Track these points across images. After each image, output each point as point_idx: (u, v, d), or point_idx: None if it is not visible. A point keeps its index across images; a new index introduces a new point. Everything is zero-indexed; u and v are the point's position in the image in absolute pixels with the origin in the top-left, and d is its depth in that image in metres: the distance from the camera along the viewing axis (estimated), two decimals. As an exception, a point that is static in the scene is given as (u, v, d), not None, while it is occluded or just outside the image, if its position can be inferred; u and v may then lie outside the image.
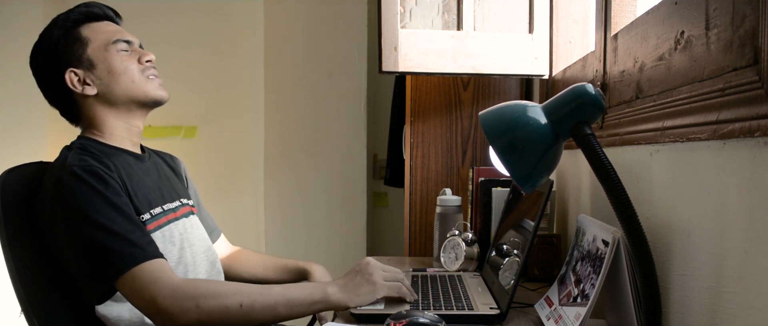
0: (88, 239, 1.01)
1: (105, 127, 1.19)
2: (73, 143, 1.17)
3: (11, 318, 2.21)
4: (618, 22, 1.11)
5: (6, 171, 1.14)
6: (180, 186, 1.32)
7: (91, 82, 1.17)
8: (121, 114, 1.20)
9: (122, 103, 1.19)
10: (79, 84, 1.17)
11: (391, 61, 1.46)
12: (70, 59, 1.17)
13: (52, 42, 1.18)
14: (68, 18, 1.19)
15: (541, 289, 1.25)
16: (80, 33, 1.19)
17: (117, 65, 1.18)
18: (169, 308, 0.98)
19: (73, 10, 1.21)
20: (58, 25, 1.19)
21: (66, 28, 1.18)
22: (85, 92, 1.17)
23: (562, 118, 0.74)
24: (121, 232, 1.01)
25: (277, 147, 2.64)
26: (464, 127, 1.80)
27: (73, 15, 1.20)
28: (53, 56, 1.17)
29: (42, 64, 1.19)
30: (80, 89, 1.17)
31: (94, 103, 1.18)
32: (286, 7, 2.60)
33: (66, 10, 1.21)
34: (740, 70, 0.65)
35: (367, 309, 1.04)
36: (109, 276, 1.00)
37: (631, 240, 0.68)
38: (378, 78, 2.82)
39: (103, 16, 1.24)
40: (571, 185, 1.38)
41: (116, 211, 1.03)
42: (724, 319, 0.68)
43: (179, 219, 1.22)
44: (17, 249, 1.10)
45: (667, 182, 0.83)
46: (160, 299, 0.98)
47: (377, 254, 1.96)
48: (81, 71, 1.17)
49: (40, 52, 1.19)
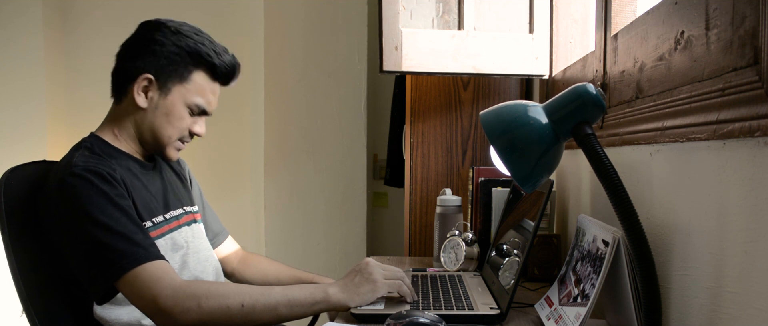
0: (90, 238, 1.01)
1: (123, 131, 1.19)
2: (83, 141, 1.17)
3: (13, 318, 2.21)
4: (618, 22, 1.11)
5: (8, 171, 1.14)
6: (184, 193, 1.32)
7: (148, 100, 1.16)
8: (142, 135, 1.19)
9: (147, 133, 1.18)
10: (141, 90, 1.15)
11: (392, 60, 1.46)
12: (159, 72, 1.15)
13: (160, 45, 1.15)
14: (197, 49, 1.15)
15: (541, 289, 1.25)
16: (191, 75, 1.16)
17: (173, 118, 1.16)
18: (171, 308, 0.98)
19: (212, 51, 1.17)
20: (180, 42, 1.15)
21: (187, 55, 1.15)
22: (138, 102, 1.15)
23: (562, 118, 0.74)
24: (124, 232, 1.01)
25: (277, 147, 2.64)
26: (464, 127, 1.80)
27: (204, 50, 1.16)
28: (150, 55, 1.15)
29: (134, 50, 1.16)
30: (137, 94, 1.15)
31: (134, 109, 1.17)
32: (286, 7, 2.60)
33: (195, 30, 1.18)
34: (740, 70, 0.65)
35: (367, 309, 1.04)
36: (110, 276, 1.00)
37: (631, 240, 0.68)
38: (378, 78, 2.82)
39: (224, 80, 1.22)
40: (571, 185, 1.38)
41: (120, 212, 1.03)
42: (724, 319, 0.68)
43: (182, 226, 1.22)
44: (19, 248, 1.10)
45: (667, 182, 0.83)
46: (161, 299, 0.98)
47: (377, 254, 1.96)
48: (153, 86, 1.15)
49: (147, 39, 1.16)
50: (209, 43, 1.18)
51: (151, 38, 1.15)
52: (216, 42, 1.21)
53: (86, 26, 2.56)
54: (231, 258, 1.44)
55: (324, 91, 2.66)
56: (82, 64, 2.57)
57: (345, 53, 2.66)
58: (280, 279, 1.44)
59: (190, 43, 1.16)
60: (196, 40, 1.16)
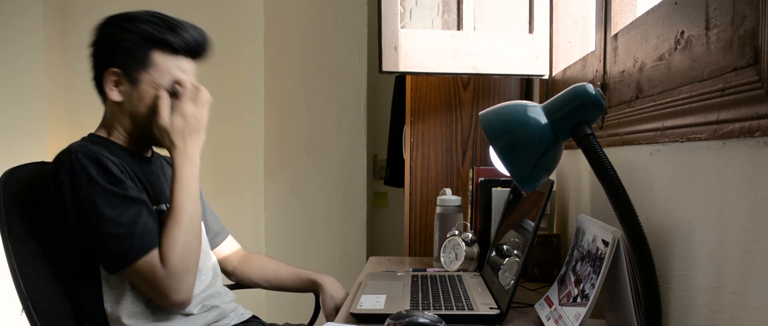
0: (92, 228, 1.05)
1: (114, 130, 1.20)
2: (83, 138, 1.18)
3: (12, 316, 2.21)
4: (618, 22, 1.11)
5: (8, 171, 1.14)
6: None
7: (122, 93, 1.16)
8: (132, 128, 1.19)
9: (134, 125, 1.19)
10: (112, 85, 1.16)
11: (391, 60, 1.46)
12: (123, 65, 1.15)
13: (114, 38, 1.15)
14: (148, 31, 1.14)
15: (541, 289, 1.25)
16: (151, 58, 1.15)
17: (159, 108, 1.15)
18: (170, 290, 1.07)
19: (166, 28, 1.15)
20: (133, 28, 1.14)
21: (139, 39, 1.14)
22: (112, 97, 1.16)
23: (562, 118, 0.74)
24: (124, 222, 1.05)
25: (277, 147, 2.64)
26: (464, 127, 1.80)
27: (156, 29, 1.15)
28: (109, 50, 1.15)
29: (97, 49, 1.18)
30: (109, 90, 1.16)
31: (115, 106, 1.18)
32: (286, 7, 2.60)
33: (150, 13, 1.16)
34: (740, 70, 0.65)
35: (367, 309, 1.04)
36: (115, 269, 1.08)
37: (631, 240, 0.68)
38: (378, 78, 2.82)
39: (190, 54, 1.20)
40: (571, 185, 1.38)
41: (118, 198, 1.06)
42: (724, 319, 0.68)
43: None
44: (18, 248, 1.10)
45: (667, 182, 0.83)
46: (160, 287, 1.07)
47: (377, 254, 1.96)
48: (123, 79, 1.15)
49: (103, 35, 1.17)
50: (161, 21, 1.16)
51: (107, 33, 1.17)
52: (173, 19, 1.18)
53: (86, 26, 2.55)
54: (231, 257, 1.45)
55: (324, 91, 2.66)
56: (82, 64, 2.56)
57: (345, 53, 2.66)
58: (279, 276, 1.45)
59: (142, 27, 1.15)
60: (148, 21, 1.15)
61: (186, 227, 1.10)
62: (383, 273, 1.38)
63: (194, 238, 1.12)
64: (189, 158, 1.14)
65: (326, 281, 1.40)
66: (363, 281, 1.29)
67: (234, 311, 1.33)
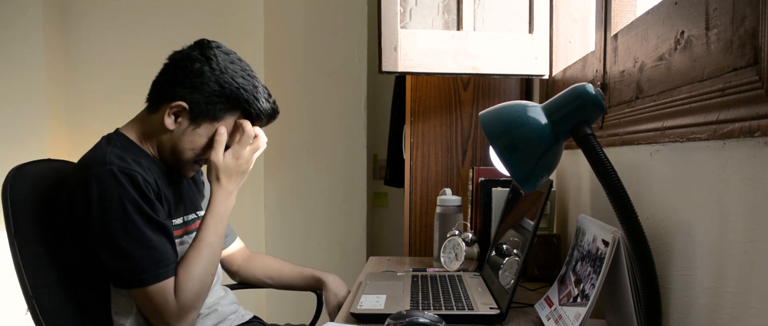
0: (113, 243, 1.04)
1: (148, 139, 1.18)
2: (112, 136, 1.16)
3: (18, 316, 2.21)
4: (618, 22, 1.11)
5: (13, 170, 1.13)
6: (198, 198, 1.33)
7: (177, 124, 1.14)
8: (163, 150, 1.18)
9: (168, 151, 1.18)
10: (172, 113, 1.14)
11: (391, 61, 1.46)
12: (194, 106, 1.13)
13: (201, 79, 1.12)
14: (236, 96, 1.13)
15: (541, 289, 1.25)
16: (224, 115, 1.15)
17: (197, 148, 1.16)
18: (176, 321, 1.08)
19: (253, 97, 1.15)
20: (223, 82, 1.12)
21: (223, 99, 1.13)
22: (166, 123, 1.14)
23: (562, 118, 0.74)
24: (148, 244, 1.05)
25: (277, 146, 2.63)
26: (464, 127, 1.80)
27: (243, 97, 1.14)
28: (189, 87, 1.12)
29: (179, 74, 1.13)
30: (167, 116, 1.13)
31: (161, 127, 1.15)
32: (286, 7, 2.60)
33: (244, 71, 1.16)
34: (740, 70, 0.65)
35: (367, 308, 1.04)
36: (124, 286, 1.08)
37: (631, 240, 0.68)
38: (378, 78, 2.82)
39: (259, 124, 1.21)
40: (571, 185, 1.38)
41: (146, 220, 1.06)
42: (724, 319, 0.68)
43: (193, 232, 1.23)
44: (24, 247, 1.10)
45: (667, 182, 0.83)
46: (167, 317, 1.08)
47: (377, 254, 1.96)
48: (185, 114, 1.13)
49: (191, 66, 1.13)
50: (252, 89, 1.16)
51: (197, 70, 1.13)
52: (260, 85, 1.19)
53: (86, 26, 2.56)
54: (236, 256, 1.46)
55: (324, 91, 2.66)
56: (82, 64, 2.57)
57: (345, 53, 2.66)
58: (283, 274, 1.46)
59: (233, 86, 1.13)
60: (240, 83, 1.14)
61: (206, 261, 1.12)
62: (383, 273, 1.39)
63: (211, 275, 1.13)
64: (228, 195, 1.18)
65: (330, 279, 1.40)
66: (363, 281, 1.29)
67: (234, 313, 1.33)
